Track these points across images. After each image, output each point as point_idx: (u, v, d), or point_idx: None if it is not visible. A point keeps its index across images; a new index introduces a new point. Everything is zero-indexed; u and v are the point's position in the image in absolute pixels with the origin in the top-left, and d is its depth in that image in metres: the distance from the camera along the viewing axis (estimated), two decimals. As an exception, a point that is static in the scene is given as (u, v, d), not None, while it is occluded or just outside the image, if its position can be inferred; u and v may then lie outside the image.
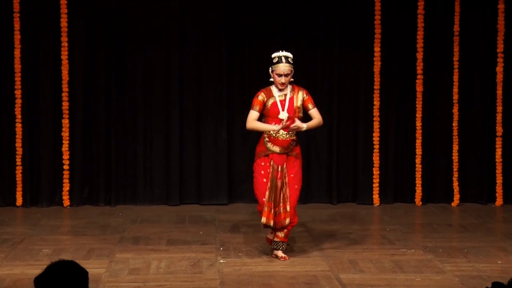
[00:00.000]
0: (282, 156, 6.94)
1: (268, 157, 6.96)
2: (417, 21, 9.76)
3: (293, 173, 6.98)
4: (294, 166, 6.98)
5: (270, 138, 6.94)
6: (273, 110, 6.95)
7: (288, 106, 6.95)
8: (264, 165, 6.97)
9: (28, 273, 6.38)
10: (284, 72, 6.94)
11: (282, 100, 6.97)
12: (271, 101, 6.97)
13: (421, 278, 6.40)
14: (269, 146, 6.96)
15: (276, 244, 7.06)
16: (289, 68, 6.95)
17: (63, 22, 9.54)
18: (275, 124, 6.92)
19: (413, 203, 9.91)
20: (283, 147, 6.94)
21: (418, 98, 9.82)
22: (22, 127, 9.61)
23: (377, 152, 9.88)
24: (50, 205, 9.70)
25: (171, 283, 6.27)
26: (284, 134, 6.92)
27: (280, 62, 6.96)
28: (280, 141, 6.93)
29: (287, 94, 6.99)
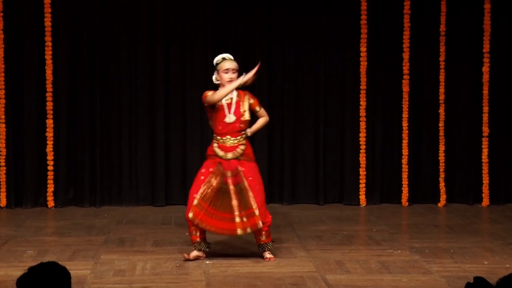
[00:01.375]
0: (233, 162, 6.90)
1: (215, 160, 6.91)
2: (403, 21, 9.75)
3: (251, 176, 6.93)
4: (250, 169, 6.94)
5: (219, 143, 6.93)
6: (220, 113, 6.91)
7: (235, 109, 6.93)
8: (207, 165, 6.93)
9: (12, 275, 6.31)
10: (231, 66, 6.92)
11: (229, 104, 6.94)
12: (218, 104, 6.91)
13: (407, 278, 6.38)
14: (217, 151, 6.93)
15: (262, 247, 7.03)
16: (235, 64, 6.96)
17: (47, 21, 9.48)
18: (216, 140, 6.90)
19: (400, 203, 9.90)
20: (232, 153, 6.91)
21: (404, 98, 9.81)
22: (5, 127, 9.54)
23: (363, 153, 9.87)
24: (34, 206, 9.64)
25: (156, 284, 6.23)
26: (231, 140, 6.90)
27: (225, 60, 6.97)
28: (228, 147, 6.91)
29: (233, 98, 6.96)
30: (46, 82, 9.54)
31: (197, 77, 9.74)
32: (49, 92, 9.56)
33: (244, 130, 6.98)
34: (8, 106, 9.54)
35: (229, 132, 6.91)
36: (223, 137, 6.92)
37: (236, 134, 6.93)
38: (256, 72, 6.93)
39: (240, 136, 6.95)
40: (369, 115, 9.86)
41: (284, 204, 9.88)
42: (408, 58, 9.77)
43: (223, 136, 6.92)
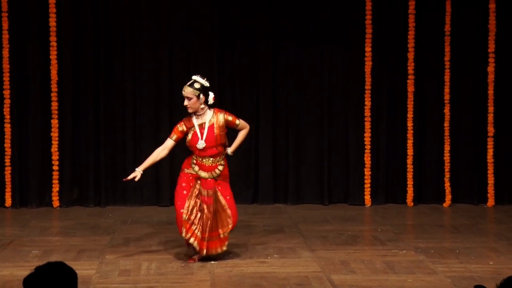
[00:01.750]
0: (210, 181, 6.89)
1: (194, 176, 6.90)
2: (408, 21, 9.73)
3: (228, 195, 6.97)
4: (226, 189, 6.98)
5: (197, 162, 6.91)
6: (194, 139, 6.88)
7: (207, 135, 6.87)
8: (187, 179, 6.90)
9: (18, 275, 6.32)
10: (184, 95, 6.90)
11: (201, 129, 6.90)
12: (192, 131, 6.90)
13: (413, 279, 6.37)
14: (196, 170, 6.91)
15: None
16: (188, 91, 6.88)
17: (52, 21, 9.49)
18: (193, 161, 6.90)
19: (405, 203, 9.89)
20: (210, 173, 6.90)
21: (409, 98, 9.80)
22: (11, 127, 9.55)
23: (368, 153, 9.86)
24: (39, 206, 9.64)
25: (162, 284, 6.23)
26: (210, 160, 6.89)
27: (184, 86, 6.95)
28: (207, 167, 6.89)
29: (205, 122, 6.91)
30: (51, 82, 9.55)
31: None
32: (54, 92, 9.57)
33: (221, 151, 6.94)
34: (13, 106, 9.54)
35: (207, 154, 6.88)
36: (202, 155, 6.89)
37: (215, 156, 6.91)
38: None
39: (219, 157, 6.94)
40: (373, 115, 9.85)
41: (289, 204, 9.87)
42: (413, 58, 9.76)
43: (202, 155, 6.88)
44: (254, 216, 9.16)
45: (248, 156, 9.93)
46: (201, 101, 6.88)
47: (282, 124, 9.90)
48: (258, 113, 9.88)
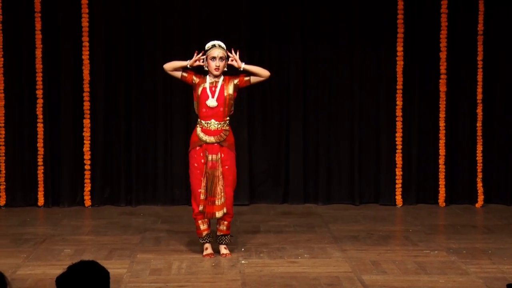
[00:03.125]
0: (215, 146, 7.02)
1: (202, 148, 7.04)
2: (440, 20, 9.67)
3: (227, 165, 7.06)
4: (228, 158, 7.06)
5: (203, 128, 7.05)
6: (203, 96, 7.03)
7: (218, 94, 7.02)
8: (197, 157, 7.06)
9: (50, 273, 6.37)
10: (218, 55, 7.05)
11: (213, 87, 7.05)
12: (202, 87, 7.06)
13: (444, 279, 6.33)
14: (201, 136, 7.05)
15: (220, 239, 7.16)
16: (222, 52, 7.07)
17: (84, 22, 9.55)
18: (201, 123, 7.04)
19: (437, 204, 9.82)
20: (216, 137, 7.01)
21: (441, 98, 9.74)
22: (43, 127, 9.62)
23: (399, 153, 9.81)
24: (71, 205, 9.71)
25: (192, 283, 6.25)
26: (216, 123, 7.02)
27: (214, 47, 7.08)
28: (212, 131, 7.03)
29: (218, 82, 7.07)
30: (83, 82, 9.62)
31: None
32: (86, 92, 9.63)
33: (226, 114, 7.07)
34: (45, 106, 9.62)
35: (213, 115, 7.02)
36: (208, 120, 7.03)
37: (220, 118, 7.04)
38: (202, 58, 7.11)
39: (223, 121, 7.06)
40: (405, 115, 9.80)
41: (319, 204, 9.85)
42: (445, 58, 9.69)
43: (208, 120, 7.03)
44: (284, 216, 9.15)
45: (278, 156, 9.93)
46: (225, 64, 7.12)
47: (313, 124, 9.88)
48: (288, 113, 9.87)
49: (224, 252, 7.13)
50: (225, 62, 7.08)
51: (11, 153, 9.66)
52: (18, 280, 6.25)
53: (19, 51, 9.60)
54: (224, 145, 7.05)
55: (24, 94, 9.66)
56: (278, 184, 9.94)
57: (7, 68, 9.56)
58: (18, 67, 9.63)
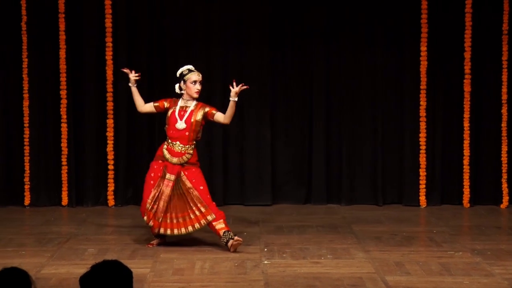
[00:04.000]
0: (176, 167, 7.27)
1: (163, 163, 7.32)
2: (464, 20, 9.61)
3: (194, 178, 7.32)
4: (192, 172, 7.32)
5: (168, 147, 7.33)
6: (172, 118, 7.31)
7: (187, 118, 7.28)
8: (156, 169, 7.34)
9: (74, 273, 6.39)
10: (198, 79, 7.35)
11: (182, 111, 7.31)
12: (172, 109, 7.34)
13: (469, 281, 6.29)
14: (165, 153, 7.33)
15: (223, 238, 7.24)
16: (201, 76, 7.38)
17: (108, 22, 9.59)
18: (168, 143, 7.32)
19: (461, 205, 9.76)
20: (178, 158, 7.27)
21: (466, 98, 9.68)
22: (67, 127, 9.67)
23: (423, 153, 9.76)
24: (95, 205, 9.75)
25: (215, 283, 6.25)
26: (180, 146, 7.28)
27: (193, 71, 7.37)
28: (176, 152, 7.29)
29: (190, 106, 7.32)
30: (107, 83, 9.66)
31: (254, 78, 9.72)
32: (109, 92, 9.67)
33: (192, 138, 7.30)
34: (69, 106, 9.66)
35: (179, 138, 7.27)
36: (174, 141, 7.29)
37: (185, 142, 7.27)
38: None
39: (188, 145, 7.28)
40: (429, 115, 9.75)
41: (343, 204, 9.82)
42: (469, 58, 9.63)
43: (174, 141, 7.29)
44: (307, 217, 9.14)
45: (301, 156, 9.91)
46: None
47: (336, 124, 9.85)
48: (311, 114, 9.85)
49: (234, 243, 7.20)
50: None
51: (36, 153, 9.71)
52: (42, 279, 6.27)
53: (43, 52, 9.66)
54: (185, 165, 7.30)
55: (48, 94, 9.71)
56: (301, 184, 9.93)
57: (31, 69, 9.62)
58: (42, 68, 9.68)
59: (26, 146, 9.68)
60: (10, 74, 9.67)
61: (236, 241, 7.20)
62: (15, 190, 9.76)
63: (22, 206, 9.72)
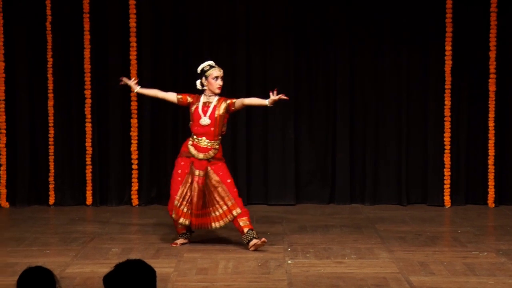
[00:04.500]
0: (203, 162, 7.27)
1: (189, 159, 7.31)
2: (489, 19, 9.55)
3: (221, 171, 7.32)
4: (218, 167, 7.33)
5: (193, 142, 7.32)
6: (196, 115, 7.31)
7: (210, 113, 7.29)
8: (183, 165, 7.35)
9: (98, 272, 6.42)
10: (220, 74, 7.37)
11: (205, 106, 7.32)
12: (195, 106, 7.35)
13: (494, 281, 6.25)
14: (191, 150, 7.32)
15: (247, 235, 7.25)
16: (222, 71, 7.41)
17: (132, 22, 9.62)
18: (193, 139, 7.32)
19: (486, 205, 9.70)
20: (204, 154, 7.27)
21: (490, 97, 9.62)
22: (91, 126, 9.71)
23: (448, 153, 9.71)
24: (119, 204, 9.79)
25: (239, 283, 6.25)
26: (206, 141, 7.28)
27: (215, 67, 7.41)
28: (202, 147, 7.29)
29: (212, 102, 7.34)
30: (131, 82, 9.68)
31: (278, 78, 9.72)
32: (133, 92, 9.68)
33: (217, 133, 7.31)
34: (94, 106, 9.71)
35: (205, 134, 7.28)
36: (199, 137, 7.30)
37: (211, 137, 7.28)
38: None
39: (214, 140, 7.29)
40: (454, 115, 9.70)
41: (366, 204, 9.79)
42: (494, 57, 9.57)
43: (199, 137, 7.30)
44: (331, 216, 9.12)
45: (325, 156, 9.89)
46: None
47: (360, 124, 9.83)
48: (335, 113, 9.83)
49: (256, 243, 7.22)
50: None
51: (60, 153, 9.77)
52: (67, 279, 6.30)
53: (67, 52, 9.71)
54: (212, 160, 7.30)
55: (72, 94, 9.76)
56: (325, 184, 9.91)
57: (56, 69, 9.67)
58: (67, 68, 9.73)
59: (51, 146, 9.73)
60: (35, 74, 9.72)
61: (262, 242, 7.21)
62: (40, 189, 9.82)
63: (47, 205, 9.77)
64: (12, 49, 9.68)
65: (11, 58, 9.69)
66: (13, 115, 9.74)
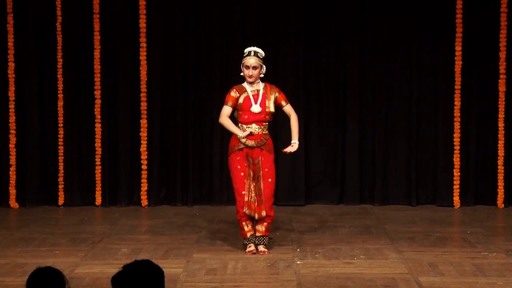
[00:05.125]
0: (256, 150, 7.13)
1: (242, 151, 7.14)
2: (500, 20, 9.52)
3: (267, 167, 7.16)
4: (268, 161, 7.17)
5: (244, 131, 7.14)
6: (246, 103, 7.15)
7: (261, 100, 7.15)
8: (239, 160, 7.15)
9: (107, 272, 6.43)
10: (251, 64, 7.16)
11: (255, 95, 7.17)
12: (244, 95, 7.17)
13: (503, 282, 6.23)
14: (243, 140, 7.13)
15: (258, 239, 7.18)
16: (256, 61, 7.17)
17: (142, 22, 9.63)
18: (242, 128, 7.15)
19: (495, 205, 9.68)
20: (255, 141, 7.12)
21: (500, 98, 9.59)
22: (101, 127, 9.73)
23: (457, 153, 9.69)
24: (128, 205, 9.80)
25: (248, 283, 6.25)
26: (256, 128, 7.14)
27: (249, 56, 7.18)
28: (253, 135, 7.13)
29: (259, 89, 7.19)
30: (141, 83, 9.70)
31: (289, 79, 9.73)
32: (143, 93, 9.71)
33: (268, 120, 7.18)
34: (103, 106, 9.73)
35: (255, 121, 7.13)
36: (249, 125, 7.14)
37: (261, 123, 7.15)
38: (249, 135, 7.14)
39: (263, 126, 7.17)
40: (463, 115, 9.68)
41: (376, 204, 9.78)
42: (504, 58, 9.54)
43: (249, 124, 7.14)
44: (340, 217, 9.11)
45: (334, 156, 9.89)
46: (262, 71, 7.25)
47: (369, 124, 9.82)
48: (344, 113, 9.82)
49: (262, 250, 7.18)
50: (259, 70, 7.20)
51: (70, 153, 9.79)
52: (76, 279, 6.32)
53: (77, 52, 9.73)
54: (264, 148, 7.16)
55: (82, 94, 9.78)
56: (334, 184, 9.91)
57: (66, 69, 9.70)
58: (77, 68, 9.76)
59: (61, 146, 9.76)
60: (45, 74, 9.75)
61: (262, 252, 7.13)
62: (49, 190, 9.84)
63: (56, 206, 9.80)
64: (22, 50, 9.71)
65: (21, 58, 9.71)
66: (23, 115, 9.76)
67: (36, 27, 9.68)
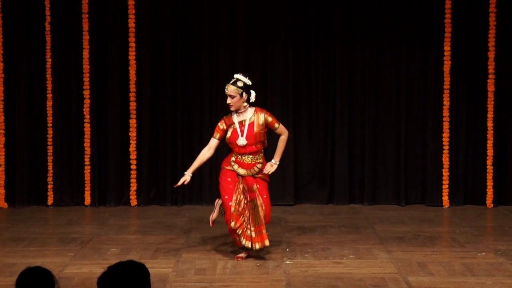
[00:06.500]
0: (249, 178, 6.98)
1: (234, 171, 7.00)
2: (488, 20, 9.56)
3: (265, 194, 7.00)
4: (264, 188, 7.03)
5: (237, 159, 7.00)
6: (233, 136, 6.97)
7: (247, 132, 6.94)
8: (231, 173, 7.00)
9: (96, 272, 6.36)
10: (227, 93, 6.95)
11: (241, 126, 6.96)
12: (231, 128, 6.98)
13: (492, 281, 6.25)
14: (235, 167, 7.01)
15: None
16: (232, 90, 6.91)
17: (131, 22, 9.63)
18: (236, 158, 6.96)
19: (484, 205, 9.71)
20: (248, 170, 6.99)
21: (489, 98, 9.62)
22: (90, 127, 9.71)
23: (446, 153, 9.72)
24: (117, 205, 9.79)
25: (237, 283, 6.25)
26: (249, 157, 6.98)
27: (228, 83, 6.97)
28: (246, 164, 6.99)
29: (246, 119, 6.98)
30: (130, 83, 9.69)
31: (278, 79, 9.74)
32: (132, 93, 9.70)
33: (260, 148, 7.00)
34: (92, 106, 9.71)
35: (246, 152, 6.97)
36: (243, 156, 6.98)
37: (254, 153, 6.98)
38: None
39: (257, 155, 7.01)
40: (452, 115, 9.70)
41: (365, 204, 9.80)
42: (493, 57, 9.58)
43: (242, 156, 6.98)
44: (329, 217, 9.12)
45: (323, 156, 9.90)
46: (244, 100, 6.97)
47: (359, 124, 9.83)
48: (334, 113, 9.84)
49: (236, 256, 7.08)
50: (238, 98, 6.91)
51: (59, 153, 9.78)
52: (65, 279, 6.31)
53: (66, 52, 9.71)
54: (257, 176, 7.03)
55: (71, 94, 9.77)
56: (324, 184, 9.92)
57: (55, 69, 9.68)
58: (66, 68, 9.74)
59: (50, 146, 9.74)
60: (34, 74, 9.73)
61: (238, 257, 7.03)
62: (39, 190, 9.83)
63: (46, 205, 9.78)
64: (11, 50, 9.69)
65: (10, 58, 9.69)
66: (12, 115, 9.74)
67: (25, 27, 9.66)
